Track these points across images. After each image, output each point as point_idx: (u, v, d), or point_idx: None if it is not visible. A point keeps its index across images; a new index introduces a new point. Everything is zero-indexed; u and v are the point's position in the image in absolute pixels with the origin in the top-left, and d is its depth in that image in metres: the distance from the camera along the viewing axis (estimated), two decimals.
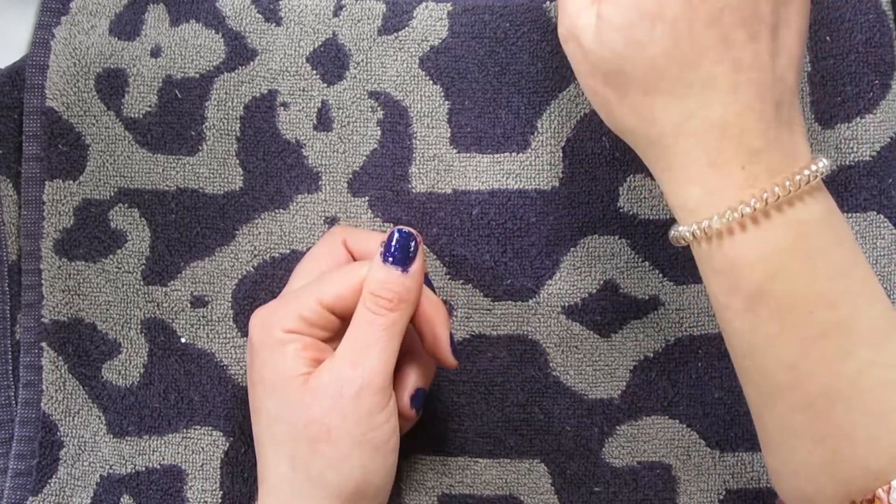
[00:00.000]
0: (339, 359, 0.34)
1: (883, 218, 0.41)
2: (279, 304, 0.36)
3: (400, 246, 0.36)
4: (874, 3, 0.42)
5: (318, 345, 0.36)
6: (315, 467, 0.34)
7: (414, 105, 0.43)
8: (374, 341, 0.34)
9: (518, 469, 0.42)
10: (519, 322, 0.42)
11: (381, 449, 0.34)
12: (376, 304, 0.35)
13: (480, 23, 0.43)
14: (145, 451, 0.42)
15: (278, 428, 0.35)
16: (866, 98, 0.42)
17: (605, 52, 0.31)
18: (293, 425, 0.34)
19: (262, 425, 0.35)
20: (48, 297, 0.42)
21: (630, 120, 0.32)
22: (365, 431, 0.34)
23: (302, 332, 0.35)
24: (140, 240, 0.43)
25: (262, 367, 0.35)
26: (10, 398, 0.42)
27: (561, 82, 0.43)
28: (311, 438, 0.34)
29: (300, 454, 0.34)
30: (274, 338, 0.35)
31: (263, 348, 0.35)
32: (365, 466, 0.34)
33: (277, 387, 0.35)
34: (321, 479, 0.34)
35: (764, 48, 0.30)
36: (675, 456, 0.42)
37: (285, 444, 0.34)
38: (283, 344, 0.35)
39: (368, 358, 0.34)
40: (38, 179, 0.42)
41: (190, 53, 0.43)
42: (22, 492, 0.41)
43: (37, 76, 0.43)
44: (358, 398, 0.34)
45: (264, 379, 0.35)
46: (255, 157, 0.43)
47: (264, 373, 0.35)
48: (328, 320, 0.36)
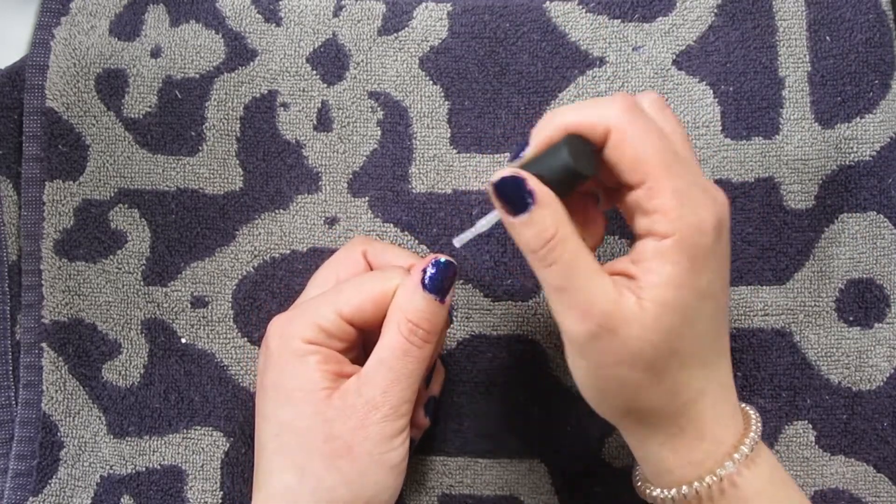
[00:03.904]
0: (368, 383, 0.34)
1: (883, 218, 0.41)
2: (297, 314, 0.36)
3: (441, 276, 0.35)
4: (874, 3, 0.42)
5: (337, 357, 0.35)
6: (328, 481, 0.34)
7: (414, 105, 0.43)
8: (405, 374, 0.34)
9: (518, 469, 0.42)
10: (519, 322, 0.42)
11: (396, 468, 0.35)
12: (413, 333, 0.35)
13: (480, 23, 0.43)
14: (146, 451, 0.42)
15: (290, 438, 0.35)
16: (866, 98, 0.42)
17: (657, 337, 0.30)
18: (309, 438, 0.34)
19: (269, 432, 0.35)
20: (48, 297, 0.42)
21: (661, 399, 0.32)
22: (384, 452, 0.34)
23: (321, 343, 0.35)
24: (140, 240, 0.43)
25: (278, 376, 0.35)
26: (10, 399, 0.42)
27: (561, 82, 0.43)
28: (329, 454, 0.34)
29: (313, 468, 0.34)
30: (293, 348, 0.35)
31: (281, 357, 0.35)
32: (378, 483, 0.34)
33: (295, 398, 0.35)
34: (331, 493, 0.34)
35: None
36: None
37: (295, 456, 0.34)
38: (302, 356, 0.35)
39: (399, 388, 0.34)
40: (39, 180, 0.42)
41: (190, 54, 0.43)
42: (22, 492, 0.41)
43: (37, 76, 0.43)
44: (383, 423, 0.34)
45: (280, 387, 0.35)
46: (256, 158, 0.43)
47: (281, 381, 0.35)
48: (346, 331, 0.35)
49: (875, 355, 0.41)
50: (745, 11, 0.42)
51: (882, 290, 0.41)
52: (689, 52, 0.42)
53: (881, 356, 0.41)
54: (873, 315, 0.41)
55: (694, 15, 0.43)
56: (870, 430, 0.41)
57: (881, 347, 0.41)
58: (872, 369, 0.41)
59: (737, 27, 0.42)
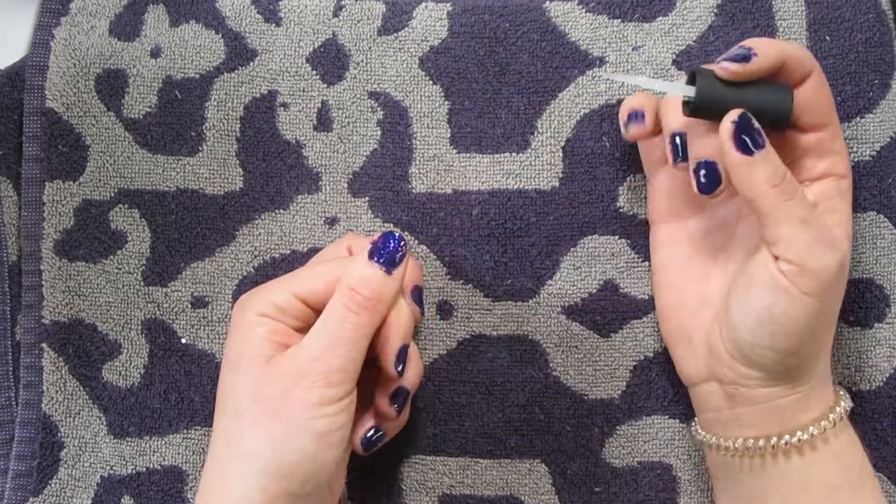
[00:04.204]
0: (303, 348, 0.34)
1: (883, 218, 0.41)
2: (258, 290, 0.37)
3: (388, 247, 0.36)
4: (874, 3, 0.42)
5: (288, 331, 0.36)
6: (252, 444, 0.34)
7: (414, 105, 0.43)
8: (341, 340, 0.34)
9: (519, 469, 0.42)
10: (519, 322, 0.42)
11: (325, 438, 0.34)
12: (352, 299, 0.35)
13: (480, 23, 0.43)
14: (146, 451, 0.42)
15: (228, 404, 0.35)
16: (866, 98, 0.42)
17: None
18: (241, 401, 0.34)
19: (218, 399, 0.36)
20: (48, 297, 0.42)
21: (822, 347, 0.36)
22: (309, 418, 0.34)
23: (273, 317, 0.35)
24: (140, 240, 0.43)
25: (231, 344, 0.36)
26: (10, 399, 0.42)
27: (561, 82, 0.43)
28: (256, 415, 0.34)
29: (240, 430, 0.34)
30: (247, 320, 0.35)
31: (237, 328, 0.36)
32: (301, 450, 0.33)
33: (237, 363, 0.35)
34: (255, 458, 0.33)
35: None
36: (675, 456, 0.42)
37: (229, 420, 0.35)
38: (252, 326, 0.35)
39: (330, 356, 0.34)
40: (39, 180, 0.42)
41: (190, 54, 0.43)
42: (23, 493, 0.41)
43: (37, 77, 0.43)
44: (311, 389, 0.34)
45: (229, 355, 0.36)
46: (256, 158, 0.43)
47: (232, 349, 0.36)
48: (300, 310, 0.36)
49: (875, 355, 0.41)
50: (745, 11, 0.42)
51: (882, 290, 0.41)
52: (689, 51, 0.42)
53: (881, 356, 0.41)
54: (873, 315, 0.41)
55: (694, 15, 0.43)
56: (869, 431, 0.41)
57: (881, 347, 0.41)
58: (872, 369, 0.41)
59: (737, 27, 0.42)
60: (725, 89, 0.34)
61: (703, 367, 0.37)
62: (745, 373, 0.35)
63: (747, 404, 0.36)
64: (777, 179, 0.33)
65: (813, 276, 0.33)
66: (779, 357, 0.34)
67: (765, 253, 0.34)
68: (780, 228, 0.33)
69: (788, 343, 0.34)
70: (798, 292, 0.33)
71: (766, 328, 0.34)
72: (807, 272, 0.33)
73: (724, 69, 0.34)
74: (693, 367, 0.38)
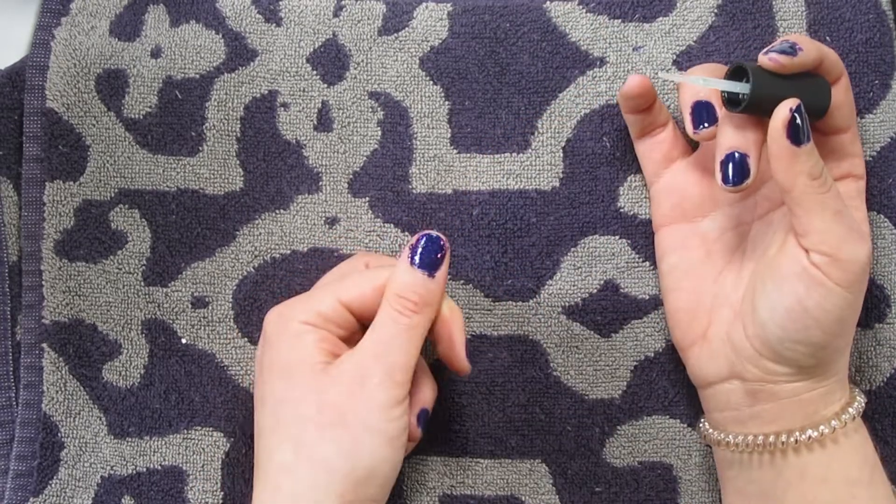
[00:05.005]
0: (361, 350, 0.35)
1: (883, 218, 0.41)
2: (296, 301, 0.37)
3: (428, 250, 0.36)
4: (874, 3, 0.42)
5: (334, 340, 0.36)
6: (321, 451, 0.34)
7: (414, 105, 0.43)
8: (400, 338, 0.35)
9: (519, 469, 0.42)
10: (519, 322, 0.42)
11: (393, 442, 0.34)
12: (401, 305, 0.35)
13: (480, 23, 0.43)
14: (146, 451, 0.42)
15: (285, 411, 0.34)
16: (866, 98, 0.42)
17: None
18: (303, 409, 0.34)
19: (265, 413, 0.35)
20: (49, 298, 0.42)
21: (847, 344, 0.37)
22: (380, 421, 0.34)
23: (318, 325, 0.35)
24: (141, 241, 0.43)
25: (275, 354, 0.35)
26: (10, 399, 0.42)
27: (561, 82, 0.43)
28: (323, 423, 0.34)
29: (307, 438, 0.34)
30: (291, 329, 0.35)
31: (279, 339, 0.35)
32: (374, 454, 0.34)
33: (290, 371, 0.35)
34: (326, 464, 0.33)
35: None
36: (676, 456, 0.42)
37: (290, 428, 0.34)
38: (300, 334, 0.35)
39: (391, 353, 0.34)
40: (39, 180, 0.42)
41: (190, 54, 0.43)
42: (23, 493, 0.41)
43: (37, 77, 0.43)
44: (378, 389, 0.34)
45: (275, 363, 0.35)
46: (256, 158, 0.43)
47: (278, 358, 0.35)
48: (346, 318, 0.36)
49: (875, 355, 0.41)
50: (745, 11, 0.42)
51: (882, 290, 0.41)
52: (689, 52, 0.42)
53: (881, 356, 0.41)
54: (873, 315, 0.41)
55: (694, 15, 0.43)
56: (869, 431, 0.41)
57: (881, 347, 0.41)
58: (873, 370, 0.41)
59: (737, 27, 0.42)
60: (773, 83, 0.34)
61: (723, 367, 0.37)
62: (772, 369, 0.35)
63: (770, 401, 0.36)
64: (817, 172, 0.33)
65: (846, 268, 0.33)
66: (811, 351, 0.34)
67: (795, 246, 0.34)
68: (813, 219, 0.33)
69: (822, 336, 0.34)
70: (832, 284, 0.33)
71: (800, 322, 0.34)
72: (840, 263, 0.33)
73: (774, 60, 0.33)
74: (711, 367, 0.38)
